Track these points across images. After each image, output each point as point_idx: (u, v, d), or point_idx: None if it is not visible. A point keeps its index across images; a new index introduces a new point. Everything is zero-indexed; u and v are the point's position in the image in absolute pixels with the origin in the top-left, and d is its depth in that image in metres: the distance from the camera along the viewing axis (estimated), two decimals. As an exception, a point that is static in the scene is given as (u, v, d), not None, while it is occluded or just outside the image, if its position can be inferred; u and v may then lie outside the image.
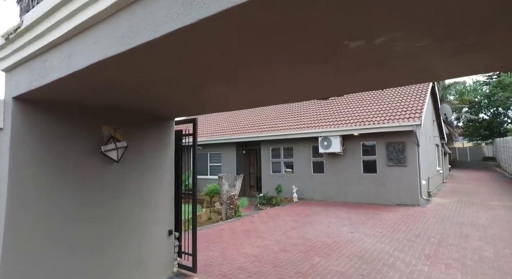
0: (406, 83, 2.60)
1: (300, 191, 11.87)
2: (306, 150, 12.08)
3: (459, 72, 2.29)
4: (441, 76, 2.47)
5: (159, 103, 3.47)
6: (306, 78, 2.30)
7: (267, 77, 2.29)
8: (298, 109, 14.47)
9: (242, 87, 2.63)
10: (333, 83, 2.48)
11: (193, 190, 4.54)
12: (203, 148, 15.78)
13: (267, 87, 2.64)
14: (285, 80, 2.36)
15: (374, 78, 2.37)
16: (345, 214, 8.52)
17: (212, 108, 4.16)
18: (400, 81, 2.57)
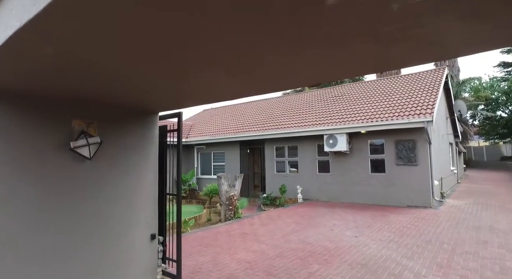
0: (412, 61, 2.13)
1: (305, 191, 11.39)
2: (311, 149, 11.59)
3: (480, 44, 1.82)
4: (455, 51, 2.00)
5: (138, 95, 3.11)
6: (288, 57, 1.89)
7: (250, 60, 1.89)
8: (303, 107, 13.99)
9: (229, 75, 2.24)
10: (320, 62, 2.05)
11: (177, 191, 4.16)
12: (206, 147, 15.48)
13: (250, 73, 2.24)
14: (270, 63, 1.95)
15: (371, 54, 1.93)
16: (350, 216, 8.02)
17: (198, 99, 3.76)
18: (404, 60, 2.10)
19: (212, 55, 1.88)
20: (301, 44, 1.71)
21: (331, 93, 14.73)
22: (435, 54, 2.01)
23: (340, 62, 2.09)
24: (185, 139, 15.53)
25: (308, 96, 15.96)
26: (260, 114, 15.45)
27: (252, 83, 2.71)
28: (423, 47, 1.84)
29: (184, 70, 2.18)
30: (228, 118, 17.00)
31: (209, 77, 2.42)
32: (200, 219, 9.40)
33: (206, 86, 2.73)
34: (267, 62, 2.04)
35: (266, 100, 18.34)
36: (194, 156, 15.91)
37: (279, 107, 15.40)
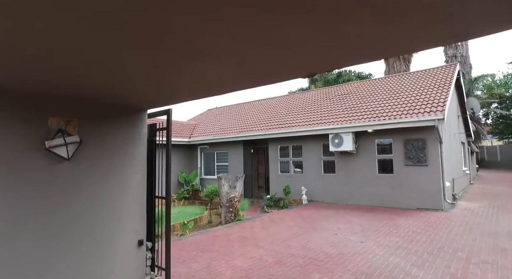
0: (423, 44, 1.78)
1: (310, 192, 11.02)
2: (316, 148, 11.22)
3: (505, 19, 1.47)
4: (476, 29, 1.64)
5: (123, 90, 2.83)
6: (283, 34, 1.56)
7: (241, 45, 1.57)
8: (308, 106, 13.61)
9: (224, 66, 1.94)
10: (315, 46, 1.72)
11: (166, 194, 3.88)
12: (210, 147, 15.23)
13: (246, 64, 1.93)
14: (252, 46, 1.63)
15: (371, 34, 1.59)
16: (356, 219, 7.63)
17: (188, 94, 3.45)
18: (414, 41, 1.76)
19: (208, 44, 1.58)
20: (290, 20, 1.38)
21: (337, 92, 14.31)
22: (448, 33, 1.66)
23: (336, 51, 1.76)
24: (188, 138, 15.32)
25: (313, 94, 15.57)
26: (264, 113, 15.13)
27: (248, 75, 2.40)
28: (436, 22, 1.49)
29: (172, 59, 1.89)
30: (232, 117, 16.72)
31: (200, 69, 2.13)
32: (201, 221, 9.14)
33: (197, 78, 2.43)
34: (266, 54, 1.73)
35: (271, 99, 18.01)
36: (197, 156, 15.68)
37: (284, 106, 15.05)
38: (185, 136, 15.51)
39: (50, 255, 2.84)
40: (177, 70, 2.15)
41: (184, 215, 10.24)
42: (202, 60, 1.93)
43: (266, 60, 1.97)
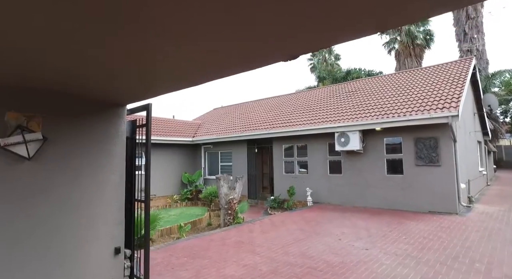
0: (422, 11, 1.36)
1: (315, 193, 10.56)
2: (321, 148, 10.74)
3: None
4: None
5: (97, 83, 2.51)
6: None
7: None
8: (314, 104, 13.14)
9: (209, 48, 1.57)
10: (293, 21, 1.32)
11: (145, 198, 3.52)
12: (213, 147, 14.92)
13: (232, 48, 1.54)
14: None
15: None
16: (363, 222, 7.14)
17: (170, 84, 3.07)
18: (416, 6, 1.33)
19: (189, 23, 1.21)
20: None
21: (344, 89, 13.78)
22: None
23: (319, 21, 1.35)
24: (192, 138, 15.04)
25: (319, 92, 15.07)
26: (269, 112, 14.72)
27: (234, 58, 2.01)
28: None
29: (148, 39, 1.53)
30: (237, 116, 16.37)
31: (184, 53, 1.77)
32: (200, 223, 8.81)
33: (180, 65, 2.07)
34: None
35: (276, 97, 17.57)
36: (201, 155, 15.39)
37: (289, 105, 14.61)
38: (189, 135, 15.24)
39: (8, 264, 2.52)
40: (155, 54, 1.80)
41: (185, 217, 9.93)
42: (184, 41, 1.57)
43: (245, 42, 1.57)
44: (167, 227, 7.61)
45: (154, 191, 13.22)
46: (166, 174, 13.97)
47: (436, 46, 54.88)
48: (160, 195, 13.56)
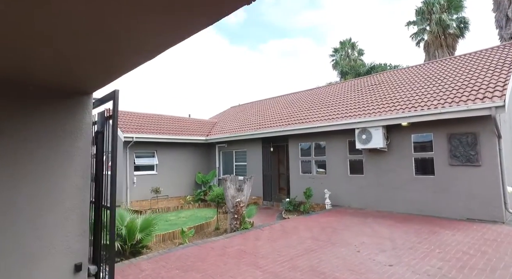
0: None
1: (334, 196, 9.67)
2: (341, 146, 9.82)
3: None
4: None
5: (44, 64, 1.96)
6: None
7: None
8: (333, 99, 12.21)
9: None
10: None
11: (110, 203, 2.93)
12: (228, 146, 14.36)
13: None
14: None
15: None
16: (386, 230, 6.22)
17: (132, 58, 2.45)
18: None
19: None
20: None
21: (366, 83, 12.71)
22: None
23: None
24: (206, 137, 14.57)
25: (339, 87, 14.07)
26: (286, 108, 13.93)
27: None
28: None
29: None
30: (253, 114, 15.72)
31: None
32: (208, 227, 8.24)
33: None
34: None
35: (294, 94, 16.73)
36: (215, 155, 14.89)
37: (307, 101, 13.75)
38: (202, 134, 14.79)
39: None
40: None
41: (194, 219, 9.43)
42: None
43: None
44: (170, 232, 7.10)
45: (166, 192, 12.88)
46: (179, 174, 13.59)
47: (472, 35, 50.73)
48: (173, 196, 13.21)
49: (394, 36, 61.41)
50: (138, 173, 12.24)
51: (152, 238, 5.68)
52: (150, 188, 12.09)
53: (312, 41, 70.22)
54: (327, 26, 68.48)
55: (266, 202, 12.32)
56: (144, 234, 5.40)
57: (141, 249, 5.44)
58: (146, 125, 12.96)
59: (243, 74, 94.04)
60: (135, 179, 12.01)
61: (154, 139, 12.39)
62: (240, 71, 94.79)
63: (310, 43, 69.91)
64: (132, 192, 11.90)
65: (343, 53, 34.27)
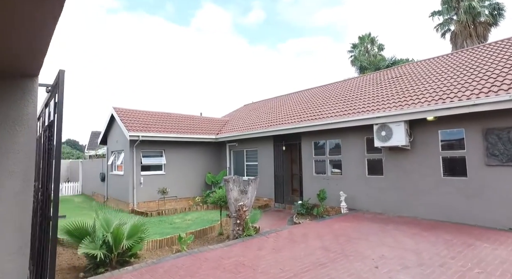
0: None
1: (351, 199, 8.82)
2: (358, 144, 8.95)
3: None
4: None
5: None
6: None
7: None
8: (350, 94, 11.31)
9: None
10: None
11: (52, 213, 2.35)
12: (238, 144, 13.75)
13: None
14: None
15: None
16: (411, 241, 5.36)
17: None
18: None
19: None
20: None
21: (386, 76, 11.71)
22: None
23: None
24: (216, 135, 14.04)
25: (357, 81, 13.11)
26: (299, 104, 13.15)
27: None
28: None
29: None
30: (265, 111, 15.03)
31: None
32: (212, 231, 7.66)
33: None
34: None
35: (308, 90, 15.89)
36: (226, 154, 14.32)
37: (321, 96, 12.90)
38: (213, 133, 14.27)
39: None
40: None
41: (199, 223, 8.88)
42: None
43: None
44: (168, 237, 6.56)
45: (175, 192, 12.45)
46: (188, 174, 13.14)
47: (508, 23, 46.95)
48: (181, 197, 12.76)
49: (416, 29, 58.63)
50: (145, 173, 11.87)
51: (142, 246, 5.14)
52: (157, 188, 11.69)
53: (330, 39, 68.47)
54: (345, 23, 66.62)
55: (278, 204, 11.61)
56: (133, 241, 4.86)
57: (129, 258, 4.91)
58: (153, 123, 12.59)
59: (261, 73, 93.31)
60: (142, 179, 11.65)
61: (161, 138, 11.97)
62: (258, 71, 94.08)
63: (328, 41, 68.22)
64: (139, 192, 11.55)
65: (362, 48, 32.88)
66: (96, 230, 4.68)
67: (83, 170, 18.61)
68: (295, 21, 78.65)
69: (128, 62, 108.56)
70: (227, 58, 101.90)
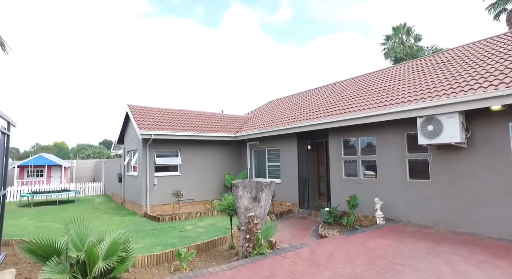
0: None
1: (388, 207, 7.40)
2: (396, 141, 7.49)
3: None
4: None
5: None
6: None
7: None
8: (385, 84, 9.77)
9: None
10: None
11: None
12: (259, 143, 12.66)
13: None
14: None
15: None
16: (478, 271, 3.93)
17: None
18: None
19: None
20: None
21: (429, 62, 9.99)
22: None
23: None
24: (235, 133, 13.06)
25: (393, 71, 11.46)
26: (327, 98, 11.77)
27: None
28: None
29: None
30: (288, 107, 13.79)
31: None
32: (222, 243, 6.65)
33: None
34: None
35: (336, 83, 14.39)
36: (246, 154, 13.29)
37: (352, 89, 11.43)
38: (232, 131, 13.30)
39: None
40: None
41: (211, 231, 7.91)
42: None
43: None
44: (168, 251, 5.62)
45: (191, 195, 11.64)
46: (206, 176, 12.28)
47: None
48: (198, 200, 11.94)
49: (458, 17, 53.75)
50: (160, 174, 11.17)
51: (128, 266, 4.21)
52: (171, 191, 10.94)
53: (360, 35, 65.17)
54: (376, 17, 62.99)
55: (303, 210, 10.37)
56: (115, 261, 3.94)
57: (110, 283, 3.99)
58: (167, 121, 11.87)
59: (289, 72, 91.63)
60: (155, 180, 10.96)
61: (176, 137, 11.19)
62: (286, 70, 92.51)
63: (359, 37, 64.98)
64: (153, 195, 10.86)
65: (396, 40, 30.37)
66: (68, 248, 3.83)
67: (105, 170, 18.55)
68: (324, 18, 76.05)
69: (157, 64, 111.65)
70: (254, 58, 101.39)
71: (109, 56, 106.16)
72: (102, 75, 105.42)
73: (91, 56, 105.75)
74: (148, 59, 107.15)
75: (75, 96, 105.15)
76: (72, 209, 12.83)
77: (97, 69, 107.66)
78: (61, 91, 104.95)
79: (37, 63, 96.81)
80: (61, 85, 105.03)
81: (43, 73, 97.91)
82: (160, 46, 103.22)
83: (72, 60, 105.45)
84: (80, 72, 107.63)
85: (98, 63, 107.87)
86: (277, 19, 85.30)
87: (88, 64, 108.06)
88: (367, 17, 67.58)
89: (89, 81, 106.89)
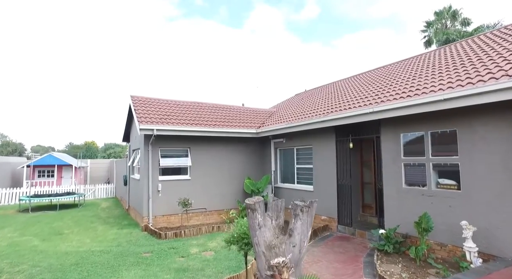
0: None
1: (484, 234, 4.87)
2: (492, 137, 4.92)
3: None
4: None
5: None
6: None
7: None
8: (459, 59, 7.13)
9: None
10: None
11: None
12: (286, 141, 10.40)
13: None
14: None
15: None
16: None
17: None
18: None
19: None
20: None
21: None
22: None
23: None
24: (257, 129, 10.87)
25: (462, 46, 8.69)
26: (373, 83, 9.25)
27: None
28: None
29: None
30: (322, 97, 11.37)
31: None
32: (233, 285, 4.46)
33: None
34: None
35: (380, 68, 11.72)
36: (270, 153, 11.06)
37: (409, 70, 8.84)
38: (254, 126, 11.13)
39: None
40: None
41: (223, 259, 5.81)
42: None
43: None
44: None
45: (204, 204, 9.61)
46: (221, 180, 10.20)
47: None
48: (212, 209, 9.88)
49: None
50: (165, 178, 9.23)
51: None
52: (178, 199, 8.96)
53: (390, 31, 60.70)
54: (407, 11, 58.27)
55: (343, 228, 7.97)
56: None
57: None
58: (175, 114, 9.91)
59: (316, 72, 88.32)
60: (160, 186, 9.03)
61: (185, 132, 9.20)
62: (312, 69, 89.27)
63: (389, 33, 60.56)
64: (156, 203, 8.94)
65: (439, 26, 26.74)
66: None
67: (116, 171, 17.11)
68: (350, 15, 71.99)
69: (181, 64, 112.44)
70: (280, 57, 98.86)
71: (137, 57, 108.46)
72: (129, 75, 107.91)
73: (121, 57, 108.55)
74: (172, 60, 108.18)
75: (105, 96, 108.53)
76: (70, 216, 11.28)
77: (125, 70, 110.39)
78: (94, 91, 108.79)
79: (68, 65, 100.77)
80: (93, 85, 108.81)
81: (72, 74, 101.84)
82: (185, 47, 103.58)
83: (102, 61, 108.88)
84: (109, 73, 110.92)
85: (127, 63, 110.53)
86: (302, 17, 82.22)
87: (117, 65, 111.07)
88: (397, 11, 62.67)
89: (116, 81, 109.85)
